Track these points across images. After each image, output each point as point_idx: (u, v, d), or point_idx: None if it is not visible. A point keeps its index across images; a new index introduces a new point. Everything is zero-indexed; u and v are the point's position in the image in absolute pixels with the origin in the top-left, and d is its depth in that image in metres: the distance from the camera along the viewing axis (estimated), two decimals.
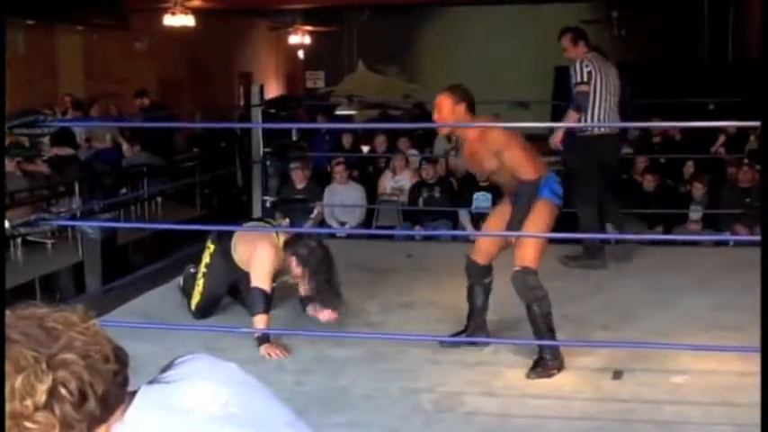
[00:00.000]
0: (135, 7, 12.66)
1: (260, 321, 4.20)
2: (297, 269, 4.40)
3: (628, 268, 5.88)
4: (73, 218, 7.44)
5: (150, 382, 1.27)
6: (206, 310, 4.70)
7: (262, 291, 4.24)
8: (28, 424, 1.04)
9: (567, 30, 6.28)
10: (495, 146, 3.99)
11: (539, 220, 3.98)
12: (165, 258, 5.84)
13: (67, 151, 9.69)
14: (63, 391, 1.06)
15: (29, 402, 1.04)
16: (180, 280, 4.99)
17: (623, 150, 9.94)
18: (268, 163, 6.22)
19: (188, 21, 12.66)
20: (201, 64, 14.90)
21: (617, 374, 3.82)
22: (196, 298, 4.69)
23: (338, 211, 8.37)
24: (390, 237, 7.69)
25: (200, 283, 4.68)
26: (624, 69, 14.75)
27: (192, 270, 4.84)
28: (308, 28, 16.90)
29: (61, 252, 7.74)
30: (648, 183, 8.10)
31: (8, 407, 1.04)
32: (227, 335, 4.27)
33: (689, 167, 8.40)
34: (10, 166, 8.45)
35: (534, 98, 13.14)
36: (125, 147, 10.60)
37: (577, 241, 6.09)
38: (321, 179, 8.84)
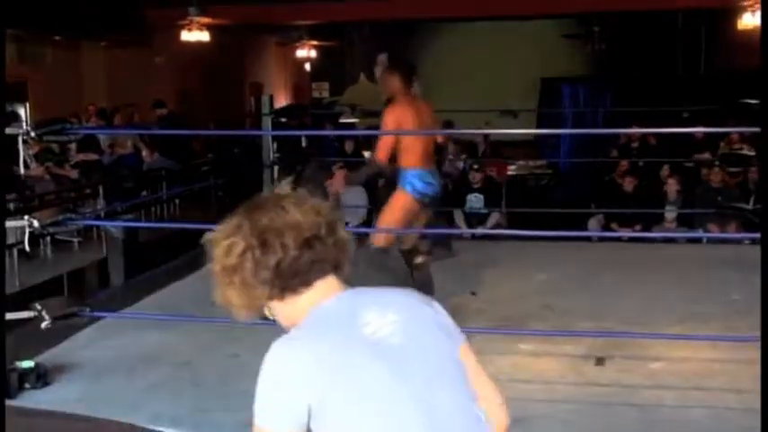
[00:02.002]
0: (155, 24, 12.66)
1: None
2: None
3: (608, 264, 5.88)
4: (97, 218, 7.45)
5: (354, 290, 1.34)
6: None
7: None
8: (225, 279, 1.32)
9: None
10: (385, 126, 4.07)
11: (392, 206, 4.08)
12: (182, 256, 5.85)
13: (92, 157, 9.69)
14: (249, 256, 1.27)
15: (226, 262, 1.32)
16: None
17: (614, 155, 9.98)
18: (276, 167, 6.21)
19: (203, 36, 12.64)
20: (215, 76, 14.89)
21: (599, 361, 3.82)
22: None
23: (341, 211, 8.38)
24: None
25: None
26: (605, 80, 14.77)
27: None
28: (314, 42, 16.90)
29: (87, 250, 7.73)
30: (628, 184, 8.10)
31: (217, 265, 1.33)
32: (243, 326, 4.26)
33: (664, 170, 8.41)
34: (39, 170, 8.46)
35: (522, 107, 13.14)
36: (145, 152, 10.58)
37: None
38: None
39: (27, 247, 4.67)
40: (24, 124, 7.17)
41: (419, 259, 4.34)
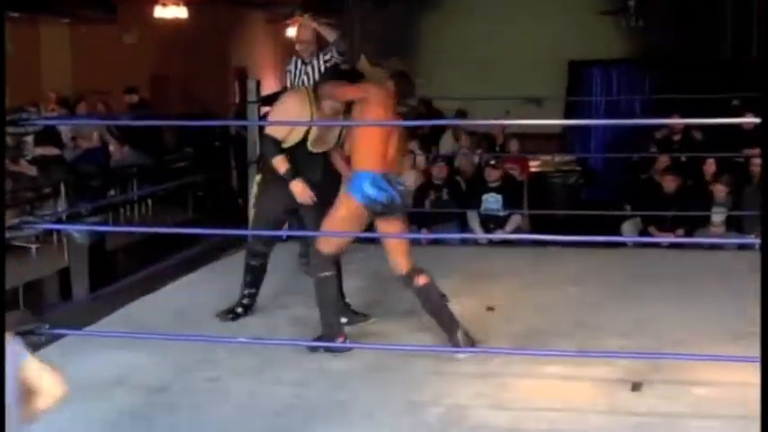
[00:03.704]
0: None
1: (279, 162, 4.54)
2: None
3: (646, 274, 5.87)
4: (59, 221, 7.44)
5: None
6: (262, 228, 4.75)
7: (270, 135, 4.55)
8: None
9: None
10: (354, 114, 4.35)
11: (336, 207, 4.33)
12: (155, 264, 5.85)
13: (52, 151, 9.69)
14: None
15: None
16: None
17: (652, 151, 9.95)
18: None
19: (180, 12, 12.66)
20: (194, 58, 14.90)
21: (635, 386, 3.81)
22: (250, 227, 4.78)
23: None
24: None
25: (252, 213, 4.77)
26: (642, 63, 14.72)
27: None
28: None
29: (46, 257, 7.74)
30: (669, 183, 8.08)
31: None
32: (223, 345, 4.27)
33: (709, 166, 8.38)
34: None
35: (547, 94, 13.12)
36: (113, 146, 10.60)
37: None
38: None
39: None
40: None
41: (420, 281, 4.33)
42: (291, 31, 17.72)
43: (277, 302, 5.20)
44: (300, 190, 4.61)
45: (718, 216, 7.75)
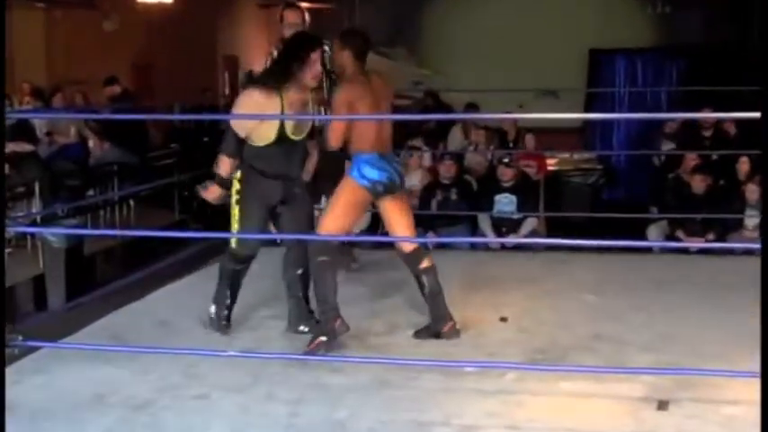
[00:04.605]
0: None
1: (224, 162, 4.59)
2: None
3: (673, 281, 5.87)
4: (33, 224, 7.47)
5: None
6: (249, 230, 4.73)
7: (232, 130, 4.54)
8: None
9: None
10: (336, 108, 4.52)
11: (339, 194, 4.59)
12: (138, 270, 5.86)
13: (26, 147, 9.71)
14: None
15: None
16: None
17: (665, 147, 9.95)
18: None
19: None
20: (181, 47, 14.92)
21: (662, 405, 3.81)
22: (234, 229, 4.73)
23: None
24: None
25: (235, 212, 4.72)
26: (669, 53, 14.73)
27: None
28: (304, 5, 16.97)
29: (19, 262, 7.75)
30: (698, 183, 8.08)
31: None
32: (210, 359, 4.28)
33: (743, 165, 8.37)
34: None
35: (565, 86, 13.12)
36: (92, 142, 10.61)
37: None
38: None
39: None
40: None
41: (424, 263, 4.69)
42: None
43: (267, 312, 5.21)
44: (213, 195, 4.68)
45: (751, 219, 7.75)
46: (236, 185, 4.71)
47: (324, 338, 4.50)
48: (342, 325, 4.52)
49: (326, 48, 5.16)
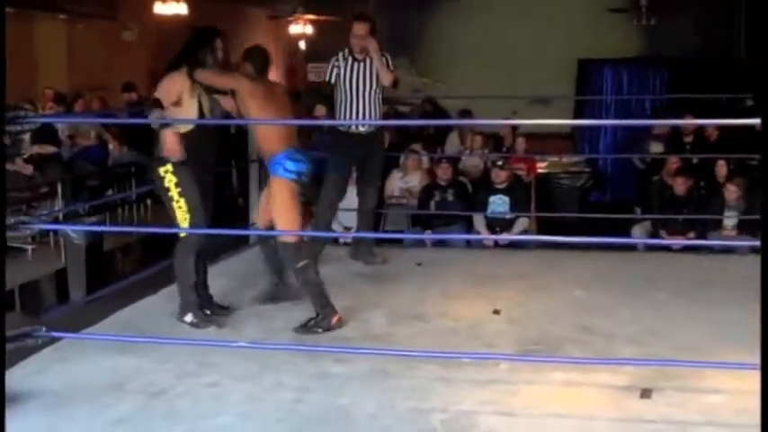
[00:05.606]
0: None
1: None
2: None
3: (657, 278, 5.86)
4: (55, 221, 7.45)
5: None
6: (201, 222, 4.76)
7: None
8: None
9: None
10: (242, 110, 4.68)
11: (278, 197, 4.66)
12: (154, 265, 5.85)
13: (49, 149, 9.71)
14: None
15: None
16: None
17: (654, 147, 9.96)
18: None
19: (180, 9, 12.67)
20: None
21: (645, 393, 3.80)
22: (185, 220, 4.71)
23: (342, 214, 8.35)
24: (399, 242, 7.68)
25: (181, 204, 4.69)
26: (653, 62, 14.72)
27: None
28: (311, 17, 16.91)
29: (43, 258, 7.75)
30: (680, 185, 8.08)
31: None
32: (222, 349, 4.27)
33: (721, 168, 8.36)
34: None
35: (555, 93, 13.13)
36: (111, 145, 10.61)
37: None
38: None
39: None
40: None
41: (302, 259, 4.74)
42: (293, 29, 17.81)
43: (273, 305, 5.19)
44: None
45: (730, 220, 7.74)
46: (166, 181, 4.69)
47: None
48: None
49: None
